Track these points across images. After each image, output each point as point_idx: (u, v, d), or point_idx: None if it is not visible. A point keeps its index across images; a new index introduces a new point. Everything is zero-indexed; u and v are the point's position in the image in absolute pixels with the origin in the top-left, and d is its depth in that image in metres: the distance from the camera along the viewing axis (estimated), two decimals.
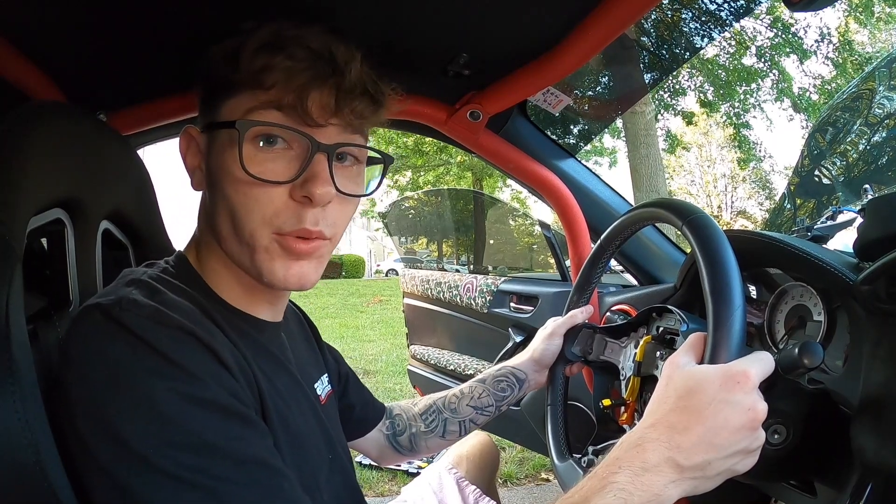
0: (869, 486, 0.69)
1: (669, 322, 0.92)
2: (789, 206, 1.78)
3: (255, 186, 0.65)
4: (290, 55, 0.65)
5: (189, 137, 0.73)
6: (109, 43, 0.95)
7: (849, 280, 0.78)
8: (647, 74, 1.76)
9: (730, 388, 0.60)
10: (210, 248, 0.73)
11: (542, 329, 1.11)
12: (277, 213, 0.65)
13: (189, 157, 0.73)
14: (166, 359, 0.55)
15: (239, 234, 0.67)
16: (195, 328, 0.59)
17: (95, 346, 0.56)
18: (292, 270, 0.67)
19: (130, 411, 0.53)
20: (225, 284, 0.72)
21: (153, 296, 0.62)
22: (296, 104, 0.65)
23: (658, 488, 0.57)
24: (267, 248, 0.66)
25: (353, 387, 1.07)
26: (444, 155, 13.63)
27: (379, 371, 5.40)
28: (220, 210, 0.68)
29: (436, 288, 2.39)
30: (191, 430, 0.54)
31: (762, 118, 12.49)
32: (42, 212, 0.66)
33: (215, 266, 0.72)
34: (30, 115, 0.64)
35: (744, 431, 0.59)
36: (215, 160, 0.68)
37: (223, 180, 0.67)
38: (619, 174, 24.41)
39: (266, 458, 0.58)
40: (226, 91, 0.68)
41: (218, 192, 0.68)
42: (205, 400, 0.56)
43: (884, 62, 1.96)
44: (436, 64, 1.07)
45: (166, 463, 0.52)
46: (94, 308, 0.59)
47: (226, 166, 0.66)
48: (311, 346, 0.96)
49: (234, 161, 0.64)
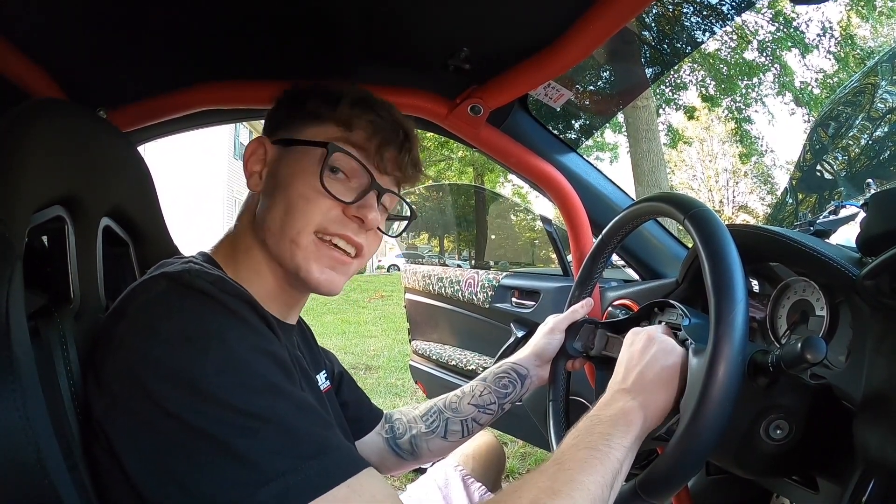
0: (872, 481, 0.69)
1: (671, 317, 0.91)
2: (791, 200, 1.78)
3: (321, 197, 0.78)
4: (378, 114, 0.83)
5: (258, 145, 0.85)
6: (109, 40, 0.95)
7: (852, 275, 0.77)
8: (648, 69, 1.76)
9: None
10: (249, 249, 0.81)
11: (542, 325, 1.11)
12: (329, 220, 0.79)
13: (252, 162, 0.84)
14: (235, 315, 0.63)
15: (286, 230, 0.78)
16: (252, 299, 0.68)
17: (167, 305, 0.62)
18: (325, 275, 0.79)
19: (203, 358, 0.58)
20: (256, 285, 0.79)
21: (210, 269, 0.70)
22: (372, 150, 0.82)
23: None
24: (307, 248, 0.78)
25: (348, 386, 1.08)
26: (446, 150, 13.65)
27: (381, 367, 5.40)
28: (276, 210, 0.79)
29: (437, 283, 2.39)
30: (259, 374, 0.59)
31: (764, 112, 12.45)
32: (42, 209, 0.66)
33: (250, 264, 0.81)
34: (29, 113, 0.64)
35: None
36: (286, 169, 0.80)
37: (290, 186, 0.79)
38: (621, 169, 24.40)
39: (318, 407, 0.63)
40: (314, 120, 0.82)
41: (279, 195, 0.79)
42: (269, 351, 0.63)
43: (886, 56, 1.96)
44: (436, 58, 1.07)
45: (239, 402, 0.56)
46: (161, 277, 0.65)
47: (298, 175, 0.79)
48: (308, 345, 0.98)
49: (311, 173, 0.78)
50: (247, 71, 1.10)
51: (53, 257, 0.71)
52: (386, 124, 0.83)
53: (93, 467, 0.59)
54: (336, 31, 0.98)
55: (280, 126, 0.85)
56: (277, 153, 0.83)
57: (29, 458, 0.49)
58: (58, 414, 0.59)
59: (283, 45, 1.01)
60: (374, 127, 0.82)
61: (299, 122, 0.83)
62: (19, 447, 0.49)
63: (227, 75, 1.11)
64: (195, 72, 1.11)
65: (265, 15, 0.92)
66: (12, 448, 0.49)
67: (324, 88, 0.85)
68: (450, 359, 2.30)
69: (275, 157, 0.83)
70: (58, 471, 0.51)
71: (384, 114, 0.84)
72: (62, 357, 0.63)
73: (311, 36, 0.98)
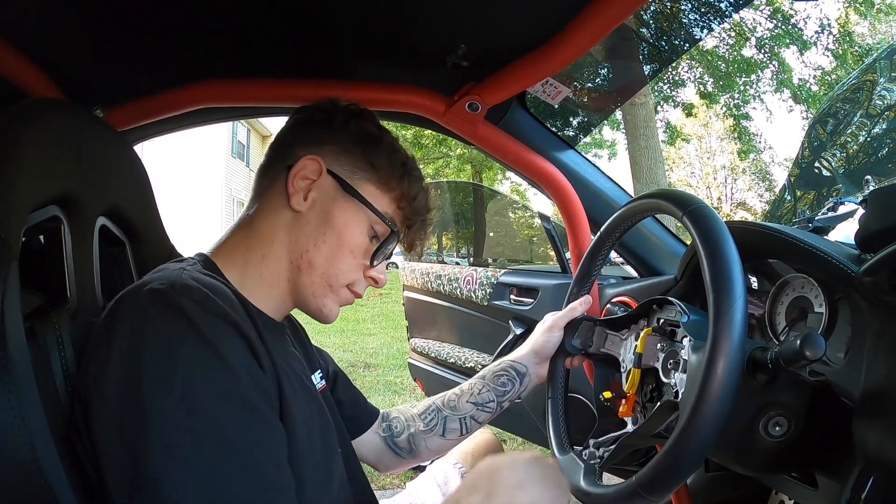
0: (871, 478, 0.69)
1: (670, 314, 0.91)
2: (790, 197, 1.78)
3: (360, 258, 0.84)
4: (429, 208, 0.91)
5: (314, 164, 0.82)
6: (105, 38, 0.95)
7: (850, 271, 0.77)
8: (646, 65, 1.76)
9: None
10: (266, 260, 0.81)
11: (541, 322, 1.10)
12: (358, 279, 0.85)
13: (299, 179, 0.82)
14: (211, 349, 0.61)
15: (328, 275, 0.82)
16: (237, 318, 0.65)
17: (147, 326, 0.61)
18: (334, 312, 0.85)
19: (164, 391, 0.57)
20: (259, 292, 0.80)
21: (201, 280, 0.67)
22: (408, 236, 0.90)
23: None
24: (339, 294, 0.84)
25: (343, 385, 1.07)
26: (444, 147, 13.62)
27: (380, 364, 5.40)
28: (323, 249, 0.81)
29: (436, 281, 2.39)
30: (215, 423, 0.58)
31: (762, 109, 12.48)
32: (38, 209, 0.66)
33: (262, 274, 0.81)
34: (25, 113, 0.64)
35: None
36: (341, 214, 0.82)
37: (342, 235, 0.82)
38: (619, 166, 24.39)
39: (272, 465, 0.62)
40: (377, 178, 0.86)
41: (329, 236, 0.81)
42: (236, 396, 0.61)
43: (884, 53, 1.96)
44: (434, 55, 1.06)
45: (183, 448, 0.56)
46: (149, 290, 0.63)
47: (353, 232, 0.83)
48: (302, 345, 0.98)
49: (363, 239, 0.83)
50: (243, 68, 1.09)
51: (50, 257, 0.71)
52: (429, 217, 0.92)
53: (89, 467, 0.59)
54: (334, 29, 0.97)
55: (333, 153, 0.85)
56: (332, 188, 0.83)
57: (24, 459, 0.49)
58: (54, 414, 0.59)
59: (280, 42, 1.01)
60: (418, 217, 0.89)
61: (361, 169, 0.85)
62: (15, 447, 0.49)
63: (223, 73, 1.10)
64: (191, 70, 1.10)
65: (262, 12, 0.91)
66: (8, 448, 0.49)
67: (390, 143, 0.88)
68: (448, 356, 2.30)
69: (328, 189, 0.83)
70: (54, 471, 0.51)
71: (432, 207, 0.92)
72: (59, 357, 0.63)
73: (309, 33, 0.97)
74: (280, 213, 0.82)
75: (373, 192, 0.85)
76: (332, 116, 0.87)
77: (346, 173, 0.84)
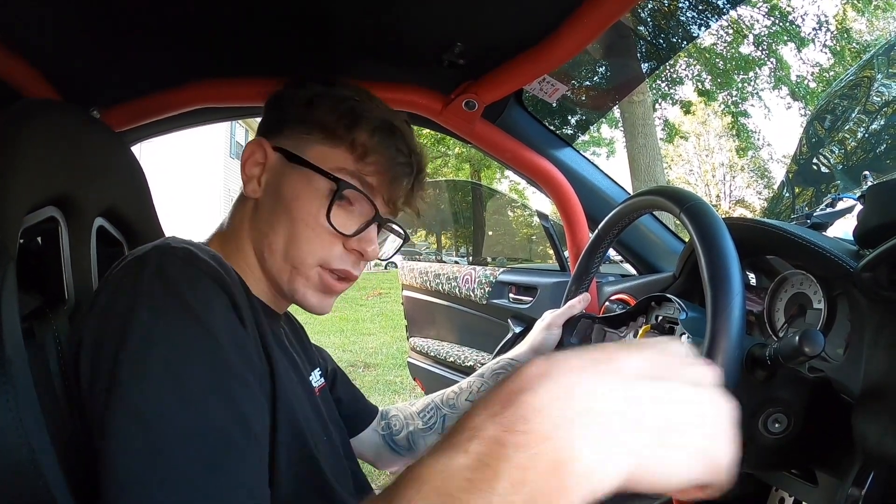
0: (871, 474, 0.69)
1: (668, 311, 0.91)
2: (788, 193, 1.78)
3: (325, 231, 0.75)
4: (397, 148, 0.79)
5: (257, 147, 0.79)
6: (101, 39, 0.94)
7: (849, 267, 0.77)
8: (643, 63, 1.76)
9: None
10: (241, 250, 0.79)
11: (539, 320, 1.10)
12: (333, 255, 0.77)
13: (250, 165, 0.79)
14: (189, 310, 0.56)
15: (290, 256, 0.76)
16: (220, 273, 0.62)
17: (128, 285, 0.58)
18: (323, 302, 0.79)
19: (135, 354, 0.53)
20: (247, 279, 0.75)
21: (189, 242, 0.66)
22: (383, 184, 0.78)
23: None
24: (309, 277, 0.77)
25: (342, 383, 1.07)
26: (442, 146, 13.62)
27: (379, 364, 5.41)
28: (279, 231, 0.76)
29: (434, 280, 2.39)
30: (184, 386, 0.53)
31: (760, 106, 12.49)
32: (35, 210, 0.66)
33: (241, 264, 0.78)
34: (21, 113, 0.64)
35: None
36: (290, 188, 0.76)
37: (294, 210, 0.75)
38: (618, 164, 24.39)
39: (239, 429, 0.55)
40: (325, 139, 0.77)
41: (282, 215, 0.76)
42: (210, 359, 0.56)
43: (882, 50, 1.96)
44: (430, 53, 1.06)
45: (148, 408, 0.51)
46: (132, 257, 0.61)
47: (303, 200, 0.75)
48: (301, 343, 0.97)
49: (317, 203, 0.74)
50: (240, 68, 1.09)
51: (47, 258, 0.71)
52: (402, 158, 0.79)
53: (88, 467, 0.59)
54: (330, 28, 0.97)
55: (282, 129, 0.80)
56: (279, 163, 0.78)
57: (23, 459, 0.49)
58: (53, 414, 0.59)
59: (276, 41, 1.01)
60: (389, 162, 0.78)
61: (306, 133, 0.78)
62: (12, 448, 0.49)
63: (220, 73, 1.10)
64: (188, 70, 1.10)
65: (258, 11, 0.91)
66: (5, 448, 0.49)
67: (336, 96, 0.79)
68: (448, 355, 2.30)
69: (276, 166, 0.78)
70: (52, 471, 0.51)
71: (402, 146, 0.80)
72: (56, 357, 0.62)
73: (305, 32, 0.97)
74: (244, 205, 0.81)
75: (322, 152, 0.77)
76: (279, 97, 0.84)
77: (291, 144, 0.78)
